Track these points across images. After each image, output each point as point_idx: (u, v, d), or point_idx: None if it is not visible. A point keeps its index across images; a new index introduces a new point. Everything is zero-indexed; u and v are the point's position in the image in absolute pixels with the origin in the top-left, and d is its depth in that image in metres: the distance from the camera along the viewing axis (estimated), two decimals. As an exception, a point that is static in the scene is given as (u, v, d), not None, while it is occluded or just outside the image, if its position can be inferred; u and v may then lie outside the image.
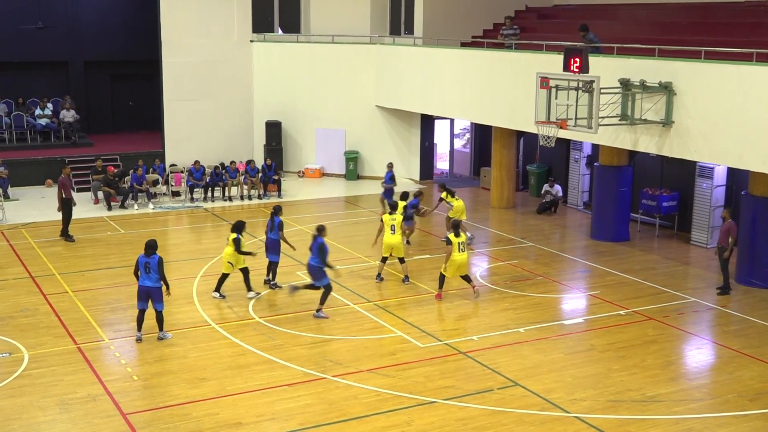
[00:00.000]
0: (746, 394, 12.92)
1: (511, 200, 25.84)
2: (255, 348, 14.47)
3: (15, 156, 28.03)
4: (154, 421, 11.85)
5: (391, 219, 17.75)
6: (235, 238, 16.54)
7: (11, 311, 16.26)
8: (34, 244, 21.01)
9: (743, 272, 18.30)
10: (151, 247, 14.46)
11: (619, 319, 16.15)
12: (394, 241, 17.69)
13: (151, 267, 14.34)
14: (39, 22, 31.45)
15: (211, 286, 17.67)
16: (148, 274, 14.36)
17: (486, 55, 24.32)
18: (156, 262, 14.35)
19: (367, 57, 29.01)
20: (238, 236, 16.57)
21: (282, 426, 11.79)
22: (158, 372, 13.54)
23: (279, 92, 30.00)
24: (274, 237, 17.41)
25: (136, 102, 34.78)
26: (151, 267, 14.34)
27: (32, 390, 12.80)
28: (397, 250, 17.80)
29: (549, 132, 18.23)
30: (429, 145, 29.85)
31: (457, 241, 16.52)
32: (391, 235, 17.68)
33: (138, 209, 24.92)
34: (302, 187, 28.50)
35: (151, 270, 14.34)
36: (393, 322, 15.85)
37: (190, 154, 28.24)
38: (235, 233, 16.62)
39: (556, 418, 12.07)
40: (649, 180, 23.01)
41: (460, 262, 16.59)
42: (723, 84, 16.96)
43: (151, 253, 14.41)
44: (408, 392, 12.82)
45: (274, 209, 17.65)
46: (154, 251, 14.45)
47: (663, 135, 18.19)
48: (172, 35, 28.55)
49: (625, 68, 18.72)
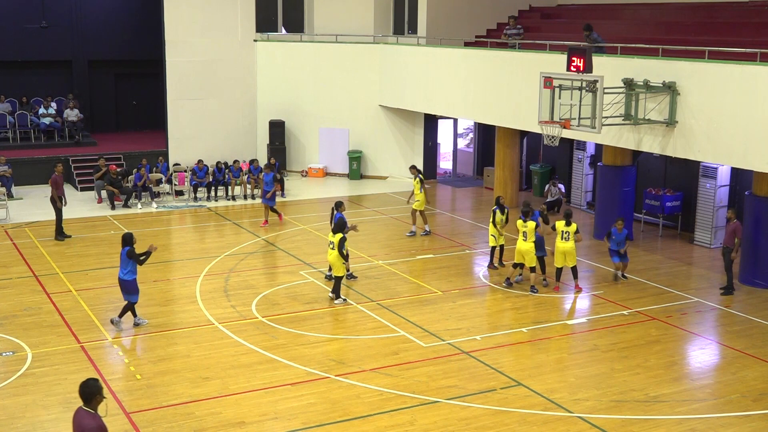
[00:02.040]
0: (750, 395, 12.91)
1: (515, 200, 25.80)
2: (258, 347, 14.48)
3: (19, 155, 28.07)
4: (157, 420, 11.87)
5: (523, 226, 17.51)
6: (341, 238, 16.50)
7: (15, 310, 16.29)
8: (37, 243, 21.04)
9: (747, 272, 18.28)
10: (123, 239, 15.06)
11: (622, 319, 16.14)
12: (526, 247, 17.43)
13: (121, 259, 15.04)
14: (43, 21, 31.49)
15: (214, 285, 17.71)
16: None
17: (489, 54, 24.32)
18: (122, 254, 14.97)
19: (371, 56, 29.01)
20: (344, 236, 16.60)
21: (285, 425, 11.80)
22: (161, 371, 13.55)
23: (282, 92, 30.02)
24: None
25: (139, 101, 34.82)
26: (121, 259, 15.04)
27: (36, 389, 12.82)
28: (530, 258, 17.52)
29: (552, 132, 18.21)
30: (432, 145, 29.84)
31: (562, 229, 17.40)
32: (523, 242, 17.47)
33: (141, 208, 24.95)
34: (305, 187, 28.51)
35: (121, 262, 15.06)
36: (396, 321, 15.85)
37: (194, 153, 28.29)
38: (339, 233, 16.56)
39: (559, 418, 12.06)
40: (652, 180, 22.99)
41: (563, 250, 17.32)
42: (727, 84, 16.94)
43: (123, 246, 15.00)
44: (411, 392, 12.82)
45: (336, 204, 18.22)
46: (125, 244, 14.99)
47: (667, 135, 18.18)
48: (176, 34, 28.58)
49: (628, 68, 18.71)
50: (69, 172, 28.01)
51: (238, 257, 19.97)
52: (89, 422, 8.19)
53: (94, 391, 8.29)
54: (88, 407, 8.28)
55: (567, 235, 17.38)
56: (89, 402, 8.29)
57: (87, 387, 8.32)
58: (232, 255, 20.12)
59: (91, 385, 8.32)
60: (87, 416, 8.24)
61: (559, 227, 17.49)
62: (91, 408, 8.27)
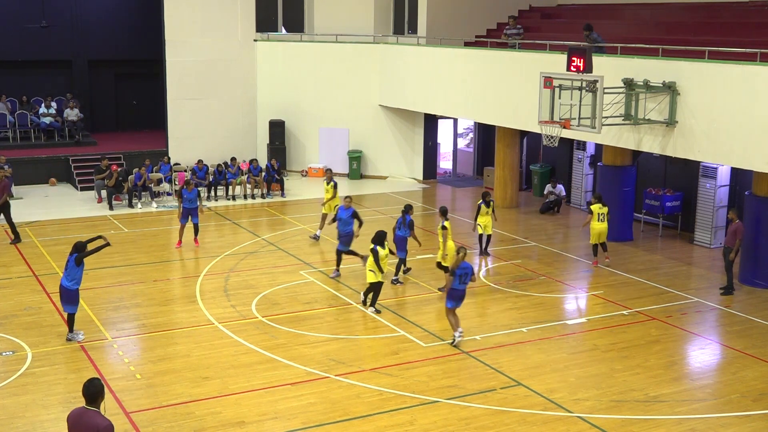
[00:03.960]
0: (749, 395, 12.91)
1: (514, 200, 25.84)
2: (258, 347, 14.48)
3: (19, 155, 28.06)
4: (157, 420, 11.87)
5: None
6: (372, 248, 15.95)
7: (15, 309, 16.29)
8: (37, 243, 21.04)
9: (747, 272, 18.29)
10: (75, 247, 14.56)
11: (622, 319, 16.14)
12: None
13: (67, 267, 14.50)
14: (43, 21, 31.46)
15: (214, 285, 17.72)
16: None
17: (489, 54, 24.31)
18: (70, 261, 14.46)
19: (371, 56, 29.01)
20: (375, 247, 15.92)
21: (285, 425, 11.80)
22: (161, 371, 13.55)
23: (282, 91, 30.02)
24: (402, 234, 17.96)
25: (139, 101, 34.83)
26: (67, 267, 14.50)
27: (35, 388, 12.82)
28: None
29: (552, 132, 18.22)
30: (432, 145, 29.85)
31: (598, 212, 19.08)
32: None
33: (141, 208, 24.95)
34: (305, 187, 28.51)
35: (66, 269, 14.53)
36: (396, 321, 15.85)
37: (194, 153, 28.28)
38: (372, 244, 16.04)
39: (558, 418, 12.07)
40: (652, 180, 23.00)
41: (599, 230, 19.10)
42: (727, 84, 16.95)
43: (72, 253, 14.51)
44: (411, 392, 12.82)
45: (405, 207, 18.20)
46: (75, 251, 14.49)
47: (667, 135, 18.18)
48: (176, 34, 28.58)
49: (628, 68, 18.71)
50: (69, 172, 28.03)
51: (238, 257, 19.97)
52: (103, 421, 8.06)
53: (99, 391, 8.22)
54: (93, 407, 8.20)
55: (602, 217, 19.09)
56: (94, 401, 8.19)
57: (93, 386, 8.21)
58: (232, 255, 20.13)
59: (97, 385, 8.25)
60: (97, 416, 8.11)
61: (595, 210, 19.12)
62: (95, 408, 8.21)
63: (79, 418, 8.18)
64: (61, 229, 22.30)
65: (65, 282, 14.49)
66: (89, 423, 8.08)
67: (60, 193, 27.00)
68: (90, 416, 8.13)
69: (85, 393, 8.22)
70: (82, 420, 8.14)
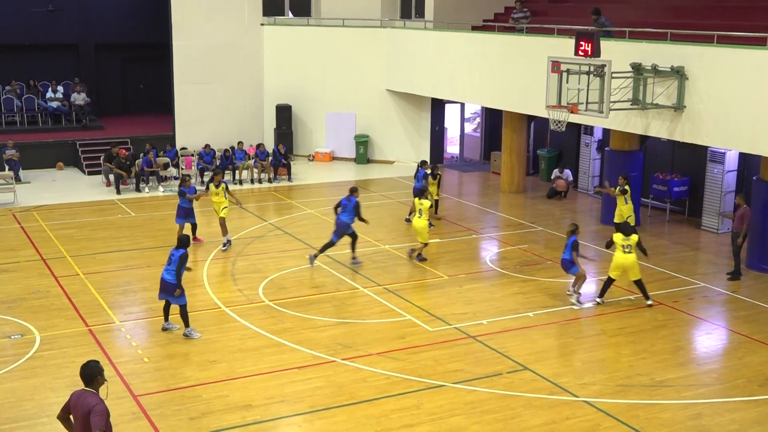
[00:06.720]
0: (755, 380, 12.91)
1: (521, 185, 25.80)
2: (265, 331, 14.52)
3: (26, 139, 28.10)
4: (165, 403, 11.93)
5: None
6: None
7: (23, 293, 16.36)
8: (45, 227, 21.11)
9: (754, 258, 18.25)
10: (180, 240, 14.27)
11: (629, 304, 16.14)
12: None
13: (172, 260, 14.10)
14: (50, 5, 31.46)
15: (221, 269, 17.75)
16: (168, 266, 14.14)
17: (497, 38, 24.23)
18: (176, 258, 14.02)
19: (378, 41, 28.93)
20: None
21: (292, 408, 11.85)
22: (169, 354, 13.61)
23: (289, 76, 29.97)
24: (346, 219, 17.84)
25: (146, 85, 34.83)
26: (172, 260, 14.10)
27: (44, 371, 12.90)
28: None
29: (560, 116, 18.17)
30: (439, 130, 29.80)
31: (621, 243, 15.50)
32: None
33: (149, 192, 24.99)
34: (312, 171, 28.52)
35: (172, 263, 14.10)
36: (402, 305, 15.88)
37: (201, 137, 28.27)
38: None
39: (564, 402, 12.09)
40: (660, 165, 22.93)
41: (623, 263, 15.57)
42: (735, 68, 16.86)
43: (178, 247, 14.15)
44: (417, 375, 12.86)
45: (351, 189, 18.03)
46: (180, 245, 14.16)
47: (675, 120, 18.11)
48: (183, 18, 28.53)
49: (636, 52, 18.62)
50: (76, 156, 28.07)
51: (245, 241, 20.01)
52: (93, 399, 8.18)
53: (95, 372, 8.30)
54: (90, 388, 8.31)
55: (629, 248, 15.52)
56: (91, 383, 8.30)
57: (88, 368, 8.32)
58: (239, 239, 20.16)
59: (93, 366, 8.33)
60: (90, 395, 8.24)
61: (618, 241, 15.58)
62: (93, 389, 8.30)
63: (77, 399, 8.35)
64: (68, 213, 22.34)
65: (167, 276, 14.05)
66: (83, 403, 8.24)
67: (67, 177, 27.06)
68: (85, 397, 8.28)
69: (81, 374, 8.35)
70: (79, 401, 8.31)
